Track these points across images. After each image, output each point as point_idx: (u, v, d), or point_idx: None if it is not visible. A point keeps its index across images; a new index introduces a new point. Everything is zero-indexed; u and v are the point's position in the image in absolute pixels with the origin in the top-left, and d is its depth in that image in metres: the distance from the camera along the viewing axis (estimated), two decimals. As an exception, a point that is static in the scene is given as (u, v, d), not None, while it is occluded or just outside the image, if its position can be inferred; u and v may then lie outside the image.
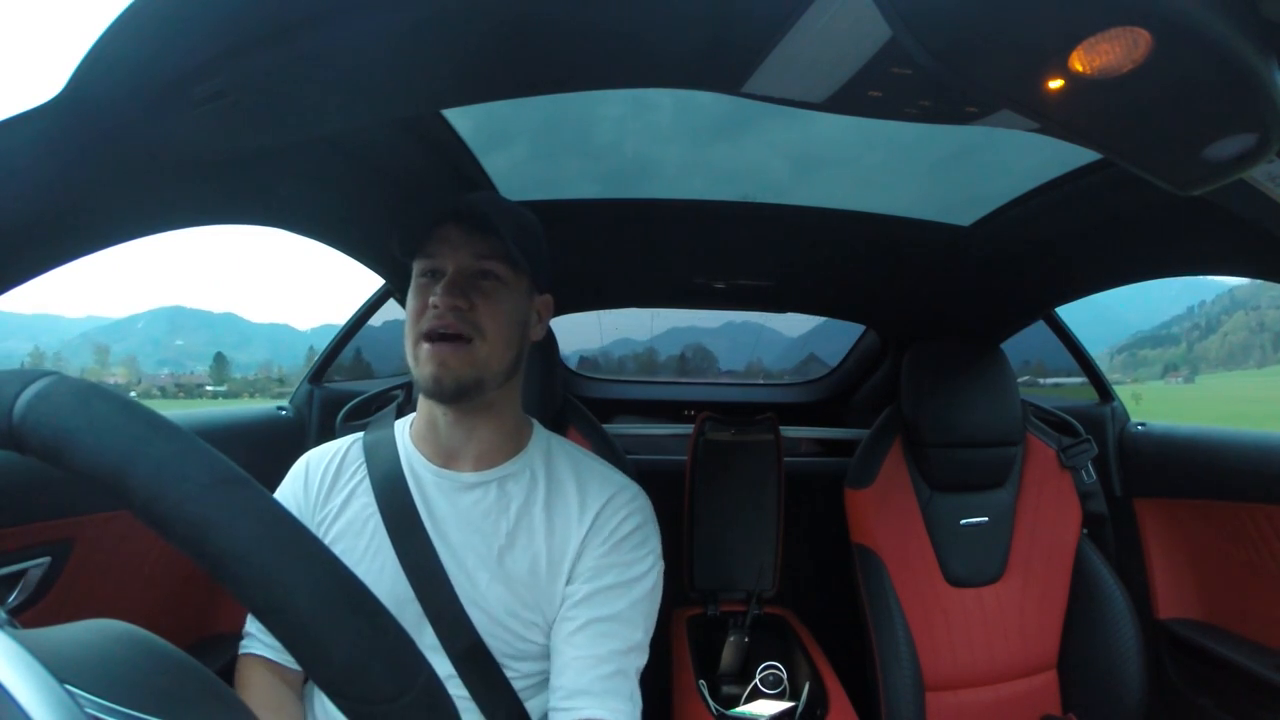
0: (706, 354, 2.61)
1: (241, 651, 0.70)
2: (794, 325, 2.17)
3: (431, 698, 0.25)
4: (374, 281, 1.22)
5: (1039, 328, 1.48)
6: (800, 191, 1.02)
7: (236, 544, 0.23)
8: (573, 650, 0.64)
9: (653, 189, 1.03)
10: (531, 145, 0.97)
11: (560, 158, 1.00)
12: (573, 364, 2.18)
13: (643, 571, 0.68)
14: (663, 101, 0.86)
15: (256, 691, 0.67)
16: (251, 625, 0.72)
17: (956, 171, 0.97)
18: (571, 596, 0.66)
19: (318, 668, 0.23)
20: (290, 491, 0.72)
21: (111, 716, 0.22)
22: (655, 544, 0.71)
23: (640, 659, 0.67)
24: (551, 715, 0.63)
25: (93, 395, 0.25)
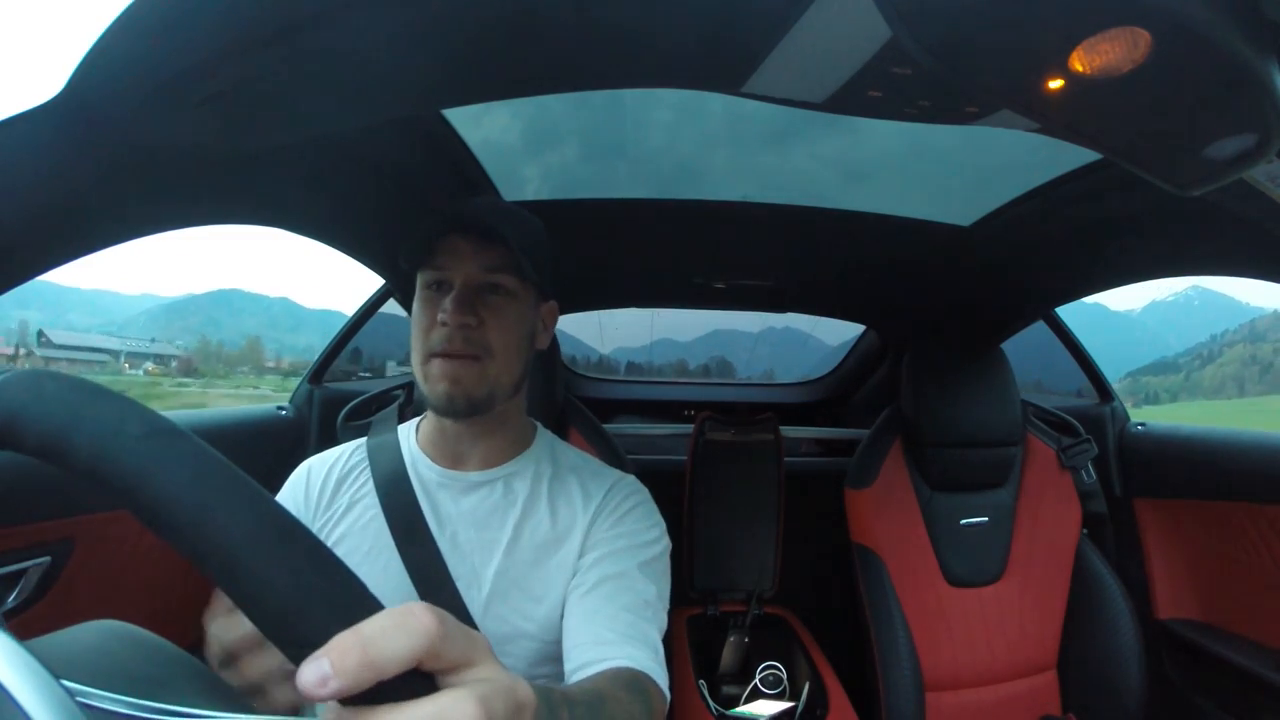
0: (746, 361, 2.53)
1: None
2: (836, 332, 2.11)
3: None
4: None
5: (1038, 343, 1.48)
6: (801, 191, 1.02)
7: (170, 489, 0.23)
8: (585, 608, 0.62)
9: (652, 189, 1.03)
10: (531, 146, 0.97)
11: (559, 158, 1.00)
12: (621, 366, 2.15)
13: (651, 539, 0.69)
14: (664, 101, 0.86)
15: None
16: None
17: (956, 171, 0.97)
18: (581, 568, 0.66)
19: (255, 611, 0.23)
20: (290, 496, 0.72)
21: (101, 703, 0.23)
22: (660, 521, 0.72)
23: (657, 618, 0.65)
24: (570, 677, 0.59)
25: (44, 378, 0.25)
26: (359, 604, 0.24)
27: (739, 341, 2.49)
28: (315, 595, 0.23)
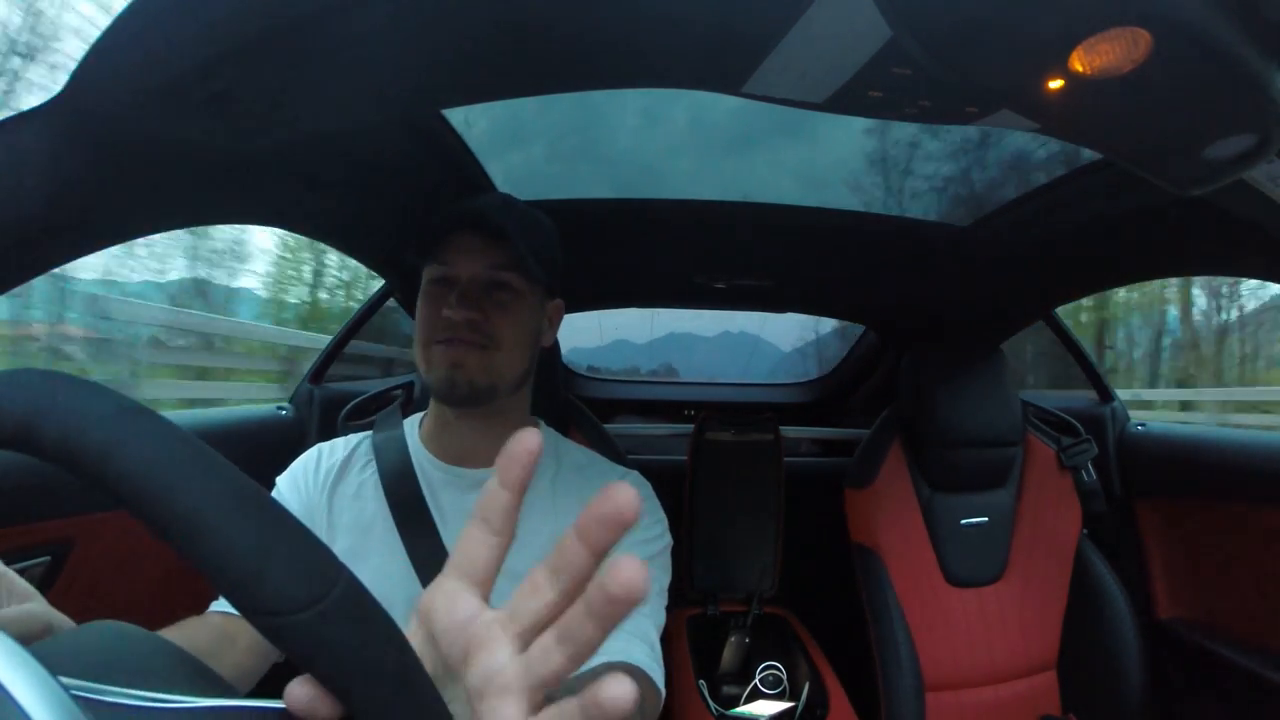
0: (697, 364, 2.56)
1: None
2: (788, 338, 2.19)
3: (351, 605, 0.24)
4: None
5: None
6: (800, 191, 1.02)
7: (133, 462, 0.23)
8: None
9: (653, 189, 1.03)
10: (531, 146, 0.97)
11: (560, 158, 1.00)
12: (582, 367, 2.18)
13: (653, 535, 0.68)
14: (666, 101, 0.86)
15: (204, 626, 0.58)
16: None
17: (956, 171, 0.98)
18: None
19: (219, 577, 0.23)
20: (302, 469, 0.72)
21: (98, 696, 0.23)
22: (662, 517, 0.71)
23: (655, 614, 0.64)
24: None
25: (21, 372, 0.25)
26: (328, 571, 0.24)
27: (694, 345, 2.54)
28: (278, 559, 0.23)
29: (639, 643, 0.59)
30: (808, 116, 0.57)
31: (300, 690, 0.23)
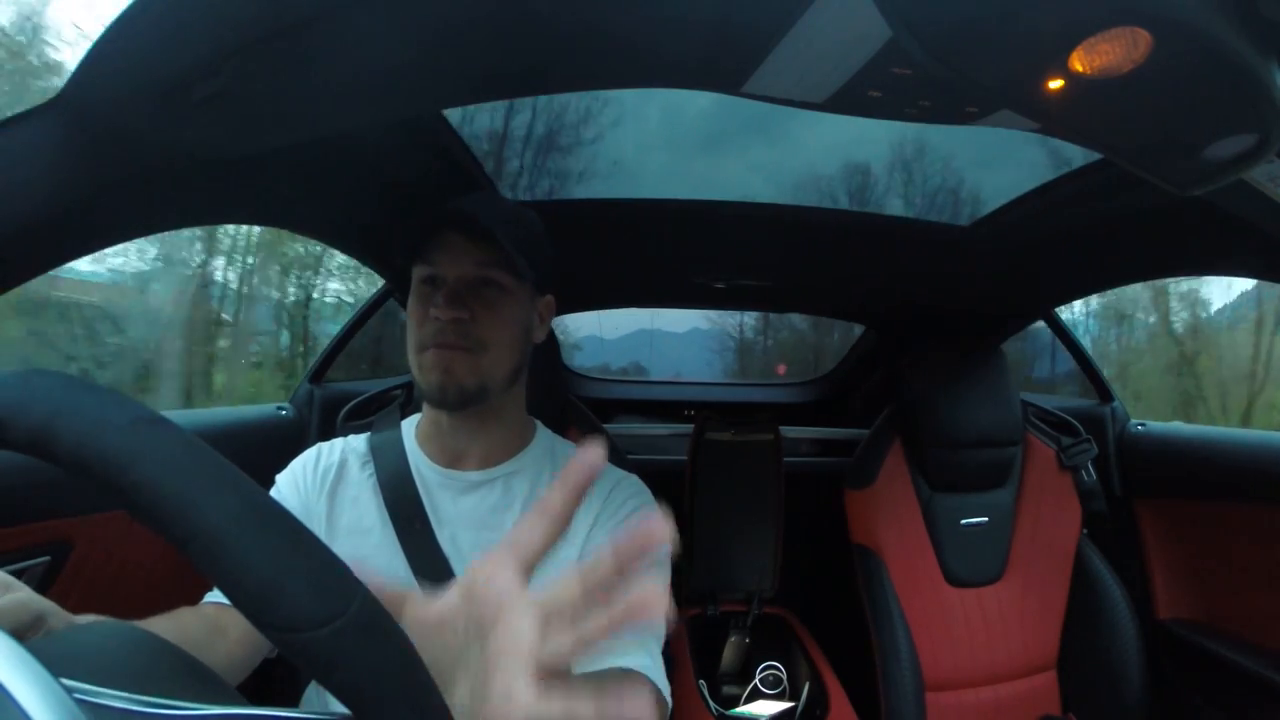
0: (666, 362, 2.59)
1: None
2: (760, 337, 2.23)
3: (368, 622, 0.24)
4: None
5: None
6: (799, 191, 1.02)
7: (152, 474, 0.23)
8: None
9: (651, 189, 1.03)
10: (532, 146, 0.97)
11: (560, 158, 1.00)
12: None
13: None
14: (662, 99, 0.86)
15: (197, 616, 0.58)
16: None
17: (956, 171, 0.98)
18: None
19: (237, 593, 0.23)
20: (301, 468, 0.72)
21: (100, 699, 0.23)
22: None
23: (656, 625, 0.64)
24: None
25: (33, 375, 0.25)
26: (347, 589, 0.24)
27: (666, 341, 2.56)
28: (297, 576, 0.23)
29: (639, 651, 0.59)
30: (806, 115, 0.57)
31: None
